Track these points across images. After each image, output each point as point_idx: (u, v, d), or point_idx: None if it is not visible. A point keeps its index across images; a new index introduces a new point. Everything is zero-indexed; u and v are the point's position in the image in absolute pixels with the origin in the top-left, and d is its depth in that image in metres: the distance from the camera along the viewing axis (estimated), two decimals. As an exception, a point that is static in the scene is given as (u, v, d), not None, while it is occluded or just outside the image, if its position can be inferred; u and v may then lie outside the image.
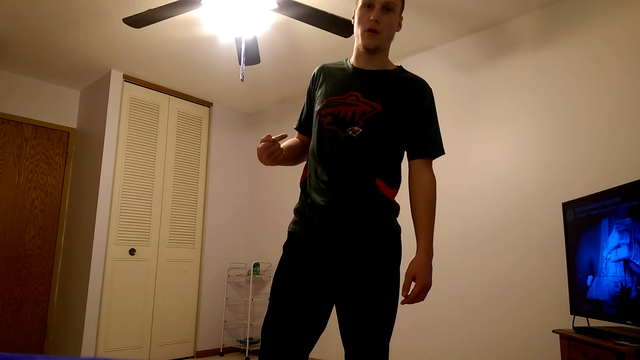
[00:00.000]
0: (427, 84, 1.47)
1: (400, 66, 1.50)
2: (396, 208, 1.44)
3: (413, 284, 1.32)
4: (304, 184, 1.48)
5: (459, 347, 2.94)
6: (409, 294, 1.30)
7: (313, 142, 1.46)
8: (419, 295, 1.30)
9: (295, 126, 1.64)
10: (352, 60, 1.50)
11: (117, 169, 3.87)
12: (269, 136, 1.34)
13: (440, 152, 1.47)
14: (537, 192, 2.74)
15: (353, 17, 1.47)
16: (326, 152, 1.40)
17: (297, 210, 1.46)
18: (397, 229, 1.42)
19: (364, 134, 1.36)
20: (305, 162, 1.55)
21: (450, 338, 2.99)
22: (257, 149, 1.37)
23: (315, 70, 1.56)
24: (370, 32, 1.39)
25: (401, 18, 1.47)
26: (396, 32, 1.46)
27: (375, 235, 1.34)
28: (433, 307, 3.11)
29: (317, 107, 1.47)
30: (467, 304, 2.94)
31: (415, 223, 1.41)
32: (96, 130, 3.95)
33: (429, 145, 1.45)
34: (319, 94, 1.49)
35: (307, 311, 1.32)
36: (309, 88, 1.57)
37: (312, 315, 1.33)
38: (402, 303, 1.32)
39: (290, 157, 1.55)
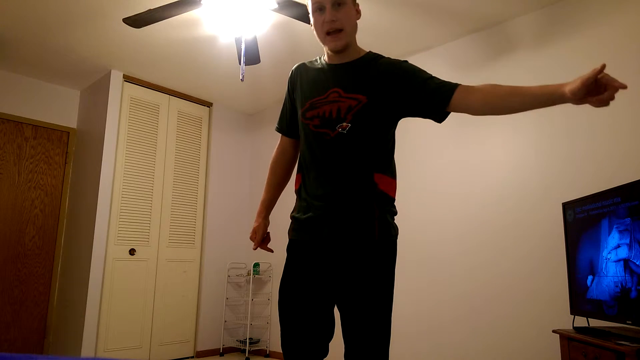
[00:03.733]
0: (401, 60, 1.42)
1: (371, 51, 1.47)
2: (393, 203, 1.43)
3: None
4: (299, 190, 1.49)
5: (459, 347, 2.94)
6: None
7: (303, 148, 1.46)
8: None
9: (277, 128, 1.61)
10: (325, 58, 1.48)
11: (117, 169, 3.87)
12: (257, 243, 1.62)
13: (455, 84, 1.37)
14: (537, 192, 2.74)
15: (311, 27, 1.45)
16: (317, 155, 1.40)
17: (294, 218, 1.48)
18: (394, 232, 1.41)
19: (354, 128, 1.34)
20: (297, 169, 1.55)
21: (451, 338, 2.99)
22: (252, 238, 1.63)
23: (294, 68, 1.55)
24: (331, 34, 1.37)
25: (357, 5, 1.43)
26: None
27: (374, 239, 1.35)
28: (433, 307, 3.11)
29: (300, 110, 1.46)
30: (467, 304, 2.94)
31: (513, 93, 1.26)
32: (96, 130, 3.95)
33: (446, 84, 1.36)
34: (299, 93, 1.48)
35: (313, 313, 1.36)
36: (289, 89, 1.56)
37: (318, 317, 1.37)
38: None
39: (284, 181, 1.63)
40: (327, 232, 1.36)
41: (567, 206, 2.33)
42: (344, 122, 1.35)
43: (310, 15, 1.42)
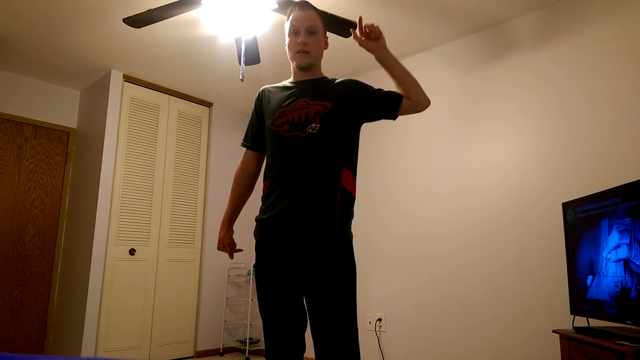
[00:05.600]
0: (351, 79, 1.69)
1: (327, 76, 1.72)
2: (352, 202, 1.58)
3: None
4: (266, 196, 1.60)
5: (458, 346, 2.94)
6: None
7: (272, 155, 1.58)
8: (373, 27, 1.50)
9: (242, 143, 1.77)
10: (291, 79, 1.70)
11: (117, 169, 3.87)
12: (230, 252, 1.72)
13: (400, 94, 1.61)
14: (537, 192, 2.74)
15: (285, 47, 1.67)
16: (288, 159, 1.52)
17: (259, 220, 1.59)
18: (350, 235, 1.56)
19: (322, 128, 1.52)
20: (263, 177, 1.67)
21: (450, 338, 2.99)
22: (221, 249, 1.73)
23: (260, 91, 1.74)
24: (300, 52, 1.60)
25: (326, 38, 1.69)
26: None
27: (334, 234, 1.48)
28: (432, 306, 3.11)
29: (269, 121, 1.61)
30: (467, 304, 2.94)
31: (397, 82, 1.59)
32: (96, 130, 3.95)
33: (393, 95, 1.60)
34: (267, 109, 1.65)
35: (286, 307, 1.48)
36: (256, 107, 1.72)
37: (291, 310, 1.49)
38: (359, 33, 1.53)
39: (247, 193, 1.78)
40: (290, 229, 1.48)
41: (567, 206, 2.33)
42: (313, 123, 1.52)
43: (286, 37, 1.64)
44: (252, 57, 2.93)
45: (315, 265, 1.46)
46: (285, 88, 1.66)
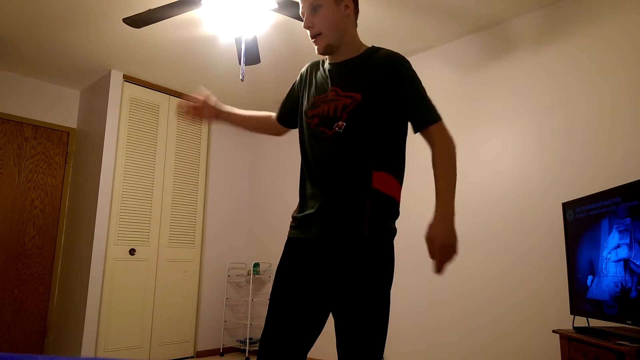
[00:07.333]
0: (401, 58, 1.42)
1: (373, 46, 1.49)
2: (391, 204, 1.37)
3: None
4: (300, 192, 1.50)
5: (458, 347, 2.94)
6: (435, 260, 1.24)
7: (304, 147, 1.47)
8: (440, 256, 1.22)
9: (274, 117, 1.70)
10: (329, 59, 1.53)
11: (117, 169, 3.87)
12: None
13: (435, 118, 1.38)
14: (537, 191, 2.74)
15: None
16: (317, 154, 1.40)
17: (293, 217, 1.48)
18: (388, 231, 1.34)
19: (349, 127, 1.34)
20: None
21: (450, 338, 2.99)
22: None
23: (307, 65, 1.59)
24: (313, 39, 1.43)
25: (347, 1, 1.43)
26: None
27: (363, 236, 1.30)
28: (433, 306, 3.11)
29: (303, 107, 1.49)
30: (467, 304, 2.94)
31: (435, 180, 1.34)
32: (96, 130, 3.95)
33: (422, 115, 1.39)
34: (305, 92, 1.52)
35: (300, 315, 1.33)
36: (296, 81, 1.60)
37: (305, 319, 1.33)
38: (436, 272, 1.23)
39: (247, 123, 1.72)
40: (317, 229, 1.34)
41: (567, 206, 2.33)
42: (339, 121, 1.35)
43: None
44: (252, 57, 2.93)
45: (342, 274, 1.29)
46: (322, 71, 1.50)
